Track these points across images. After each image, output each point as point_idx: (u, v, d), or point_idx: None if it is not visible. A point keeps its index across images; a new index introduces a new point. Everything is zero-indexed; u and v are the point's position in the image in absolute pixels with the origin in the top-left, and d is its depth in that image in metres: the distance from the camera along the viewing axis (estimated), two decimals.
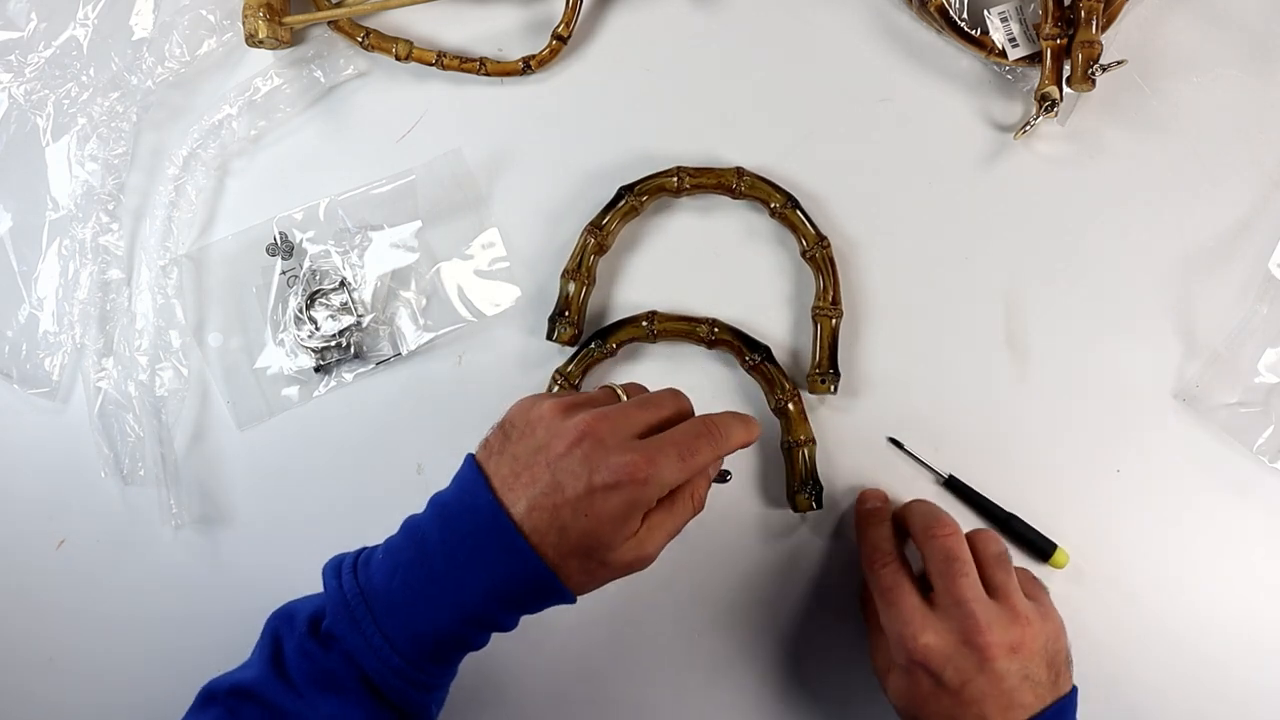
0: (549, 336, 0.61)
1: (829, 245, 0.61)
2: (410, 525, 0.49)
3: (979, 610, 0.51)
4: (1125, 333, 0.62)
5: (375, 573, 0.48)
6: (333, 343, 0.62)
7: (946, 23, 0.61)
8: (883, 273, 0.63)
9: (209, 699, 0.50)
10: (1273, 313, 0.61)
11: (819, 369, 0.61)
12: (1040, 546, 0.60)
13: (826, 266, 0.61)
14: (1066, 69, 0.59)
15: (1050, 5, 0.59)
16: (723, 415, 0.51)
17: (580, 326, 0.62)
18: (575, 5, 0.63)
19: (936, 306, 0.63)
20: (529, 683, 0.61)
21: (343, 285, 0.63)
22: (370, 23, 0.65)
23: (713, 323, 0.61)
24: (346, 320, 0.62)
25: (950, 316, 0.62)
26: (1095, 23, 0.58)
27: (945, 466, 0.61)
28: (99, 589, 0.63)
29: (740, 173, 0.61)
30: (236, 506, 0.63)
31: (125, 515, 0.63)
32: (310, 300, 0.62)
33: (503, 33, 0.65)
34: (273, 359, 0.63)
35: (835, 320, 0.61)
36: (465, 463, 0.48)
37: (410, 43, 0.63)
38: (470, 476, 0.47)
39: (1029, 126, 0.61)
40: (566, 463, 0.46)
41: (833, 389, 0.60)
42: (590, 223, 0.61)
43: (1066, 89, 0.60)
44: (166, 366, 0.63)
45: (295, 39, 0.64)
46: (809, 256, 0.61)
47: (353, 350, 0.63)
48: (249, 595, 0.62)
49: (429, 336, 0.63)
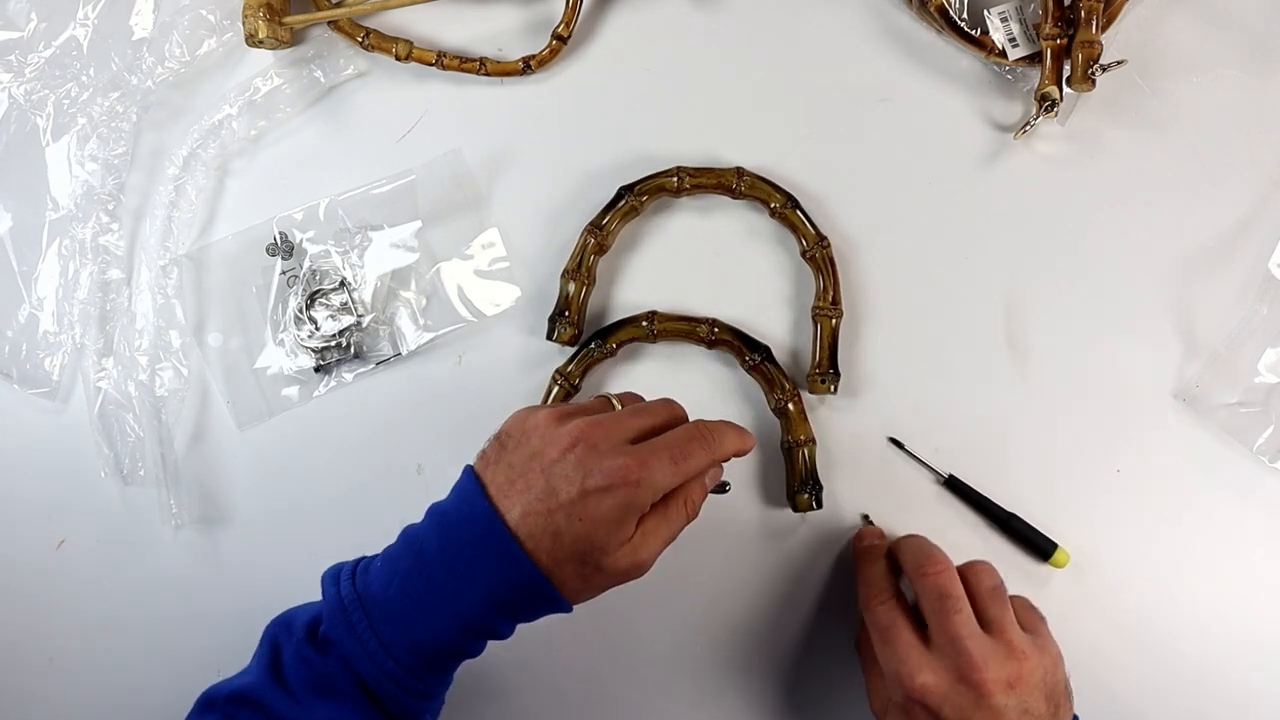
0: (549, 336, 0.61)
1: (829, 245, 0.61)
2: (408, 534, 0.49)
3: (973, 647, 0.50)
4: (1125, 333, 0.62)
5: (373, 580, 0.48)
6: (333, 343, 0.62)
7: (946, 23, 0.61)
8: (883, 273, 0.63)
9: (208, 705, 0.50)
10: (1273, 313, 0.61)
11: (819, 369, 0.61)
12: (1040, 546, 0.60)
13: (826, 266, 0.61)
14: (1066, 69, 0.59)
15: (1050, 5, 0.59)
16: (717, 422, 0.51)
17: (580, 326, 0.62)
18: (575, 5, 0.63)
19: (936, 306, 0.63)
20: (527, 683, 0.61)
21: (343, 285, 0.63)
22: (370, 23, 0.65)
23: (713, 323, 0.61)
24: (346, 320, 0.62)
25: (950, 316, 0.62)
26: (1095, 23, 0.58)
27: (945, 466, 0.61)
28: (99, 589, 0.63)
29: (740, 173, 0.61)
30: (236, 506, 0.63)
31: (125, 515, 0.63)
32: (310, 300, 0.62)
33: (503, 33, 0.65)
34: (273, 359, 0.63)
35: (835, 320, 0.61)
36: (463, 473, 0.49)
37: (410, 43, 0.63)
38: (467, 486, 0.48)
39: (1029, 126, 0.61)
40: (560, 468, 0.46)
41: (833, 389, 0.60)
42: (590, 223, 0.61)
43: (1066, 89, 0.60)
44: (166, 366, 0.63)
45: (295, 39, 0.64)
46: (809, 256, 0.61)
47: (353, 350, 0.63)
48: (249, 595, 0.62)
49: (429, 336, 0.63)
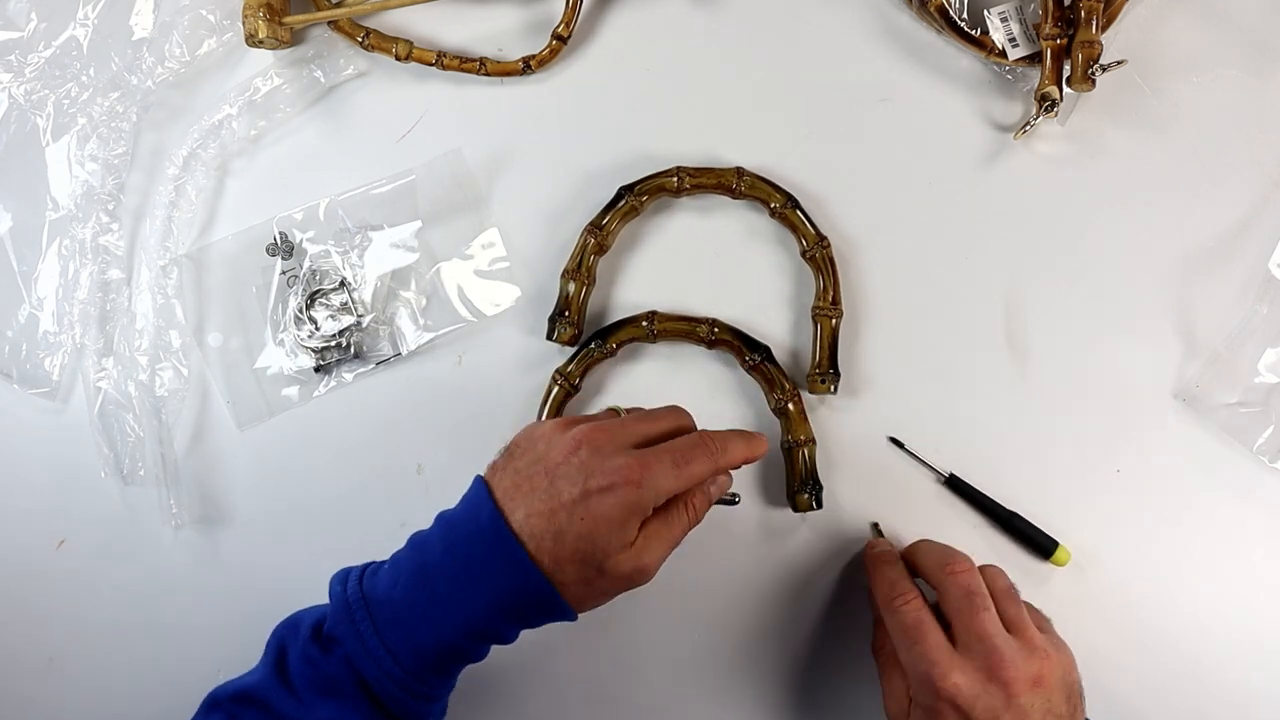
0: (549, 336, 0.61)
1: (829, 245, 0.61)
2: (415, 539, 0.50)
3: (1002, 645, 0.50)
4: (1125, 333, 0.62)
5: (379, 583, 0.49)
6: (333, 343, 0.62)
7: (946, 23, 0.61)
8: (883, 273, 0.63)
9: (213, 705, 0.50)
10: (1273, 313, 0.61)
11: (819, 369, 0.61)
12: (1041, 544, 0.60)
13: (826, 266, 0.61)
14: (1066, 69, 0.59)
15: (1050, 5, 0.59)
16: (724, 431, 0.52)
17: (580, 326, 0.62)
18: (575, 5, 0.63)
19: (936, 306, 0.63)
20: (527, 684, 0.61)
21: (343, 285, 0.63)
22: (370, 23, 0.65)
23: (713, 323, 0.61)
24: (346, 320, 0.62)
25: (950, 316, 0.62)
26: (1095, 23, 0.58)
27: (945, 467, 0.61)
28: (99, 589, 0.63)
29: (740, 173, 0.61)
30: (236, 506, 0.63)
31: (125, 515, 0.63)
32: (310, 300, 0.62)
33: (503, 33, 0.65)
34: (273, 359, 0.63)
35: (835, 320, 0.61)
36: (473, 481, 0.50)
37: (410, 43, 0.63)
38: (475, 492, 0.49)
39: (1029, 126, 0.61)
40: (564, 469, 0.47)
41: (833, 389, 0.60)
42: (590, 223, 0.61)
43: (1066, 89, 0.60)
44: (166, 366, 0.63)
45: (295, 39, 0.64)
46: (809, 256, 0.61)
47: (353, 350, 0.63)
48: (249, 596, 0.62)
49: (429, 336, 0.63)
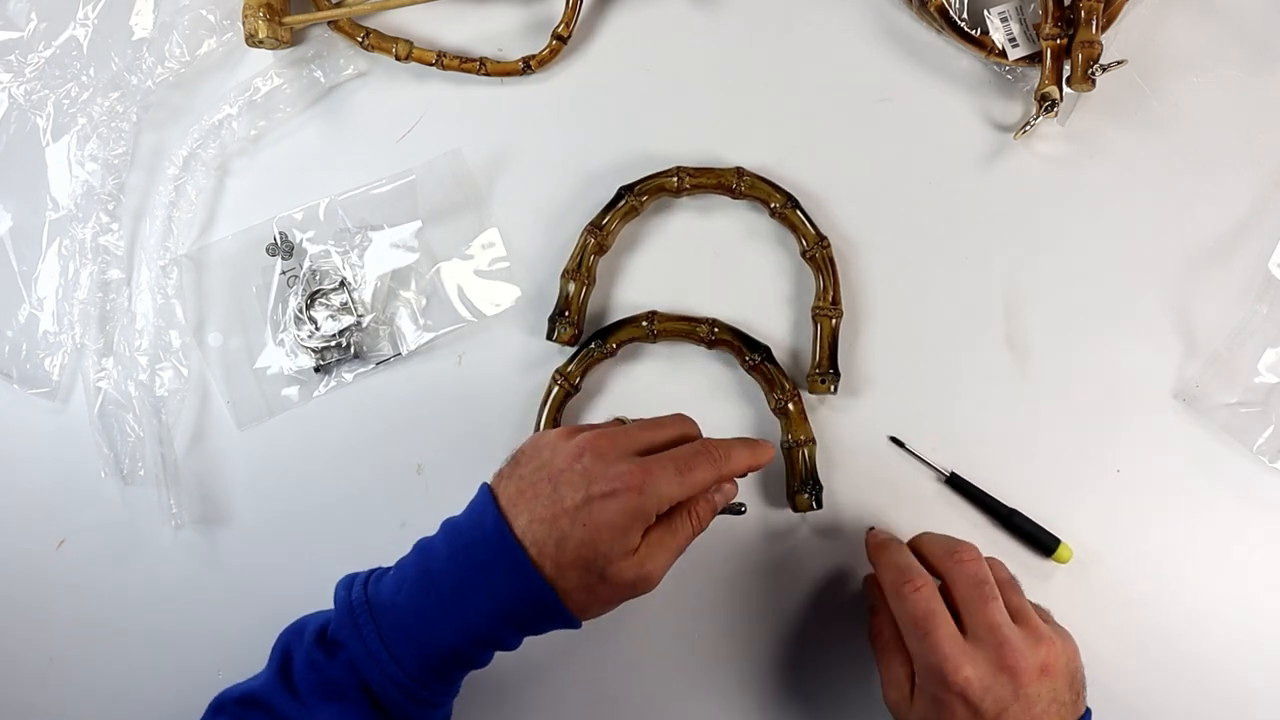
0: (549, 336, 0.61)
1: (829, 245, 0.61)
2: (420, 545, 0.50)
3: (1011, 635, 0.50)
4: (1125, 333, 0.62)
5: (384, 588, 0.49)
6: (333, 343, 0.62)
7: (946, 23, 0.61)
8: (883, 273, 0.63)
9: (218, 709, 0.51)
10: (1273, 313, 0.61)
11: (819, 369, 0.60)
12: (1043, 542, 0.60)
13: (826, 266, 0.61)
14: (1066, 69, 0.59)
15: (1050, 5, 0.59)
16: (728, 439, 0.52)
17: (580, 326, 0.62)
18: (575, 5, 0.63)
19: (936, 306, 0.63)
20: (528, 684, 0.61)
21: (343, 285, 0.63)
22: (370, 23, 0.65)
23: (713, 323, 0.61)
24: (346, 320, 0.62)
25: (950, 316, 0.62)
26: (1095, 23, 0.58)
27: (944, 467, 0.61)
28: (99, 589, 0.63)
29: (740, 173, 0.61)
30: (236, 506, 0.63)
31: (125, 515, 0.63)
32: (310, 300, 0.62)
33: (503, 33, 0.65)
34: (273, 359, 0.63)
35: (835, 320, 0.61)
36: (479, 489, 0.50)
37: (410, 43, 0.63)
38: (480, 498, 0.49)
39: (1029, 126, 0.61)
40: (567, 476, 0.47)
41: (833, 389, 0.60)
42: (590, 223, 0.61)
43: (1066, 89, 0.60)
44: (166, 366, 0.63)
45: (295, 39, 0.64)
46: (809, 256, 0.61)
47: (353, 350, 0.63)
48: (249, 595, 0.62)
49: (429, 336, 0.63)
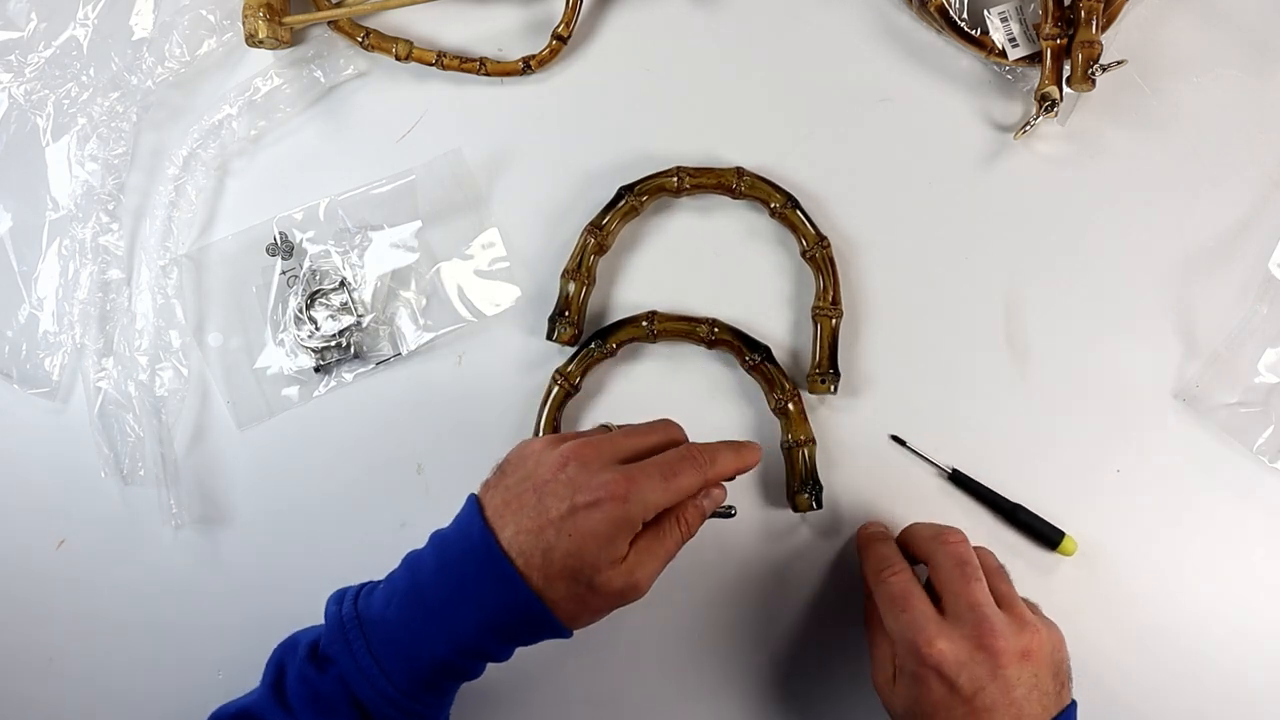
0: (549, 336, 0.61)
1: (829, 245, 0.61)
2: (409, 558, 0.50)
3: (992, 615, 0.50)
4: (1125, 333, 0.62)
5: (374, 602, 0.49)
6: (333, 343, 0.62)
7: (946, 23, 0.61)
8: (883, 273, 0.63)
9: None
10: (1273, 313, 0.61)
11: (819, 369, 0.60)
12: (1048, 535, 0.60)
13: (826, 266, 0.61)
14: (1066, 69, 0.59)
15: (1050, 5, 0.59)
16: (713, 443, 0.51)
17: (580, 326, 0.62)
18: (575, 5, 0.63)
19: (936, 306, 0.63)
20: (527, 684, 0.61)
21: (343, 285, 0.63)
22: (370, 23, 0.65)
23: (713, 323, 0.61)
24: (346, 320, 0.62)
25: (950, 316, 0.62)
26: (1095, 23, 0.58)
27: (946, 465, 0.61)
28: (99, 589, 0.63)
29: (740, 173, 0.61)
30: (236, 506, 0.63)
31: (125, 515, 0.63)
32: (310, 300, 0.62)
33: (503, 33, 0.65)
34: (273, 359, 0.63)
35: (835, 320, 0.61)
36: (466, 500, 0.50)
37: (410, 43, 0.63)
38: (467, 510, 0.49)
39: (1029, 126, 0.61)
40: (551, 486, 0.47)
41: (833, 389, 0.60)
42: (590, 223, 0.61)
43: (1066, 89, 0.60)
44: (166, 366, 0.63)
45: (295, 39, 0.64)
46: (809, 256, 0.61)
47: (353, 350, 0.63)
48: (249, 596, 0.62)
49: (429, 336, 0.63)
